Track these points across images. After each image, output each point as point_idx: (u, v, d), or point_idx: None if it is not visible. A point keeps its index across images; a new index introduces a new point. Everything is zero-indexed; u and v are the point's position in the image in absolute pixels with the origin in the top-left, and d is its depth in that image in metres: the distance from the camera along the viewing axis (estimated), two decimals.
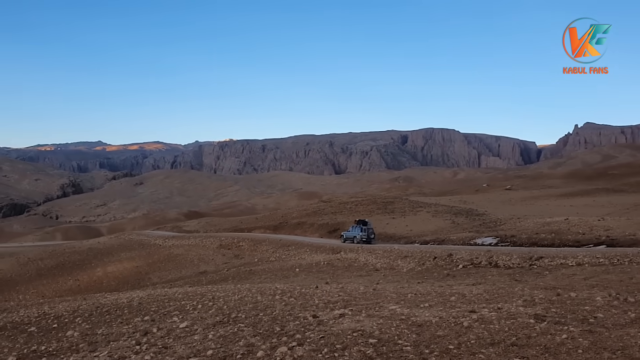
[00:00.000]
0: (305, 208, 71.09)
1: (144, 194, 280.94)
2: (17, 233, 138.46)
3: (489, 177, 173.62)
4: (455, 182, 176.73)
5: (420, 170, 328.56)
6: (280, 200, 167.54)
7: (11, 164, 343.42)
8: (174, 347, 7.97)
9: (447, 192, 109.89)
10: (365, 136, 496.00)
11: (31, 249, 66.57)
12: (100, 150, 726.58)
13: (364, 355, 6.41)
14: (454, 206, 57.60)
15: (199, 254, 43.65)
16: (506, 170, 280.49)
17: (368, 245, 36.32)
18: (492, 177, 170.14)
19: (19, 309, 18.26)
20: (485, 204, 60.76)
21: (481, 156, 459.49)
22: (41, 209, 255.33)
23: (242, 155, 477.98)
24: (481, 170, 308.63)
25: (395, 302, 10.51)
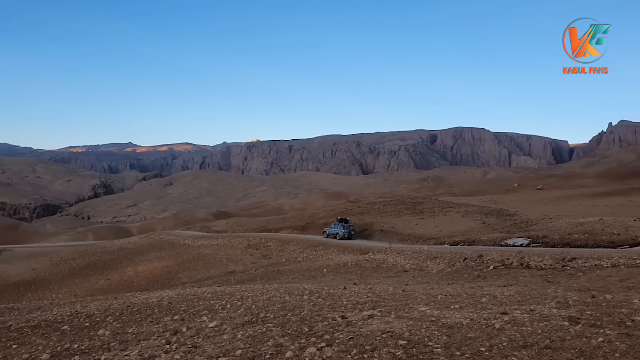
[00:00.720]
0: (332, 208, 71.02)
1: (174, 194, 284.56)
2: (50, 233, 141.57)
3: (520, 177, 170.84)
4: (486, 182, 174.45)
5: (449, 169, 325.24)
6: (307, 201, 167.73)
7: (44, 166, 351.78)
8: (204, 346, 8.02)
9: (477, 192, 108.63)
10: (393, 136, 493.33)
11: (64, 248, 67.91)
12: (131, 151, 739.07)
13: (393, 356, 6.33)
14: (484, 206, 56.84)
15: (228, 254, 43.98)
16: (537, 169, 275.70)
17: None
18: (523, 177, 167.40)
19: (52, 308, 18.66)
20: (516, 204, 59.76)
21: (512, 155, 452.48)
22: (73, 210, 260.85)
23: (269, 156, 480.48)
24: (512, 169, 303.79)
25: (425, 303, 10.39)
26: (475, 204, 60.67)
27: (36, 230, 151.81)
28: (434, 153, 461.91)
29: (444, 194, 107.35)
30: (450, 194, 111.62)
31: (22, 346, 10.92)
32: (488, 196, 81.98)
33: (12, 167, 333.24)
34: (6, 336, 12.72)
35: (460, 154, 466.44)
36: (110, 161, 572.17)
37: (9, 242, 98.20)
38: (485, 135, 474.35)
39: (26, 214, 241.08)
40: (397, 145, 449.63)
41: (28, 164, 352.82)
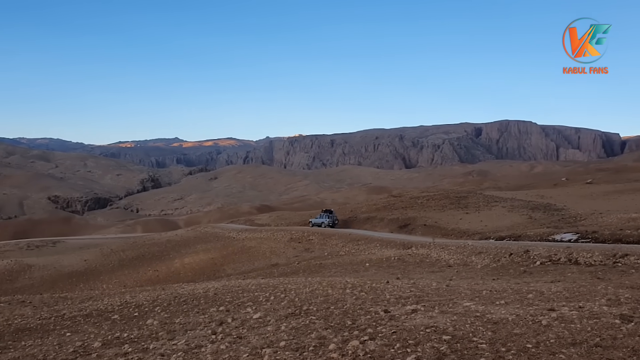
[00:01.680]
0: (374, 203, 70.69)
1: (218, 188, 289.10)
2: (100, 225, 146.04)
3: (568, 171, 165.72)
4: (532, 176, 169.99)
5: (495, 163, 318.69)
6: (349, 195, 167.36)
7: (95, 160, 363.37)
8: (248, 337, 8.15)
9: (524, 187, 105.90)
10: (437, 129, 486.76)
11: (114, 240, 69.93)
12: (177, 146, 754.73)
13: (437, 351, 6.29)
14: (530, 201, 55.47)
15: (271, 247, 44.39)
16: (587, 163, 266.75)
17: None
18: (571, 171, 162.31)
19: (103, 298, 19.32)
20: (564, 199, 58.03)
21: (560, 149, 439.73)
22: (123, 203, 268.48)
23: (311, 150, 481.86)
24: (560, 163, 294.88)
25: (469, 298, 10.26)
26: (521, 198, 59.28)
27: (88, 222, 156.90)
28: (478, 147, 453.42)
29: (489, 189, 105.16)
30: (495, 188, 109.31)
31: (75, 334, 11.36)
32: (535, 190, 79.77)
33: (65, 162, 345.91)
34: (60, 324, 13.25)
35: (506, 147, 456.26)
36: (158, 156, 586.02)
37: (62, 234, 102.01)
38: (532, 129, 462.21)
39: (78, 207, 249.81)
40: (441, 139, 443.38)
41: (80, 158, 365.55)
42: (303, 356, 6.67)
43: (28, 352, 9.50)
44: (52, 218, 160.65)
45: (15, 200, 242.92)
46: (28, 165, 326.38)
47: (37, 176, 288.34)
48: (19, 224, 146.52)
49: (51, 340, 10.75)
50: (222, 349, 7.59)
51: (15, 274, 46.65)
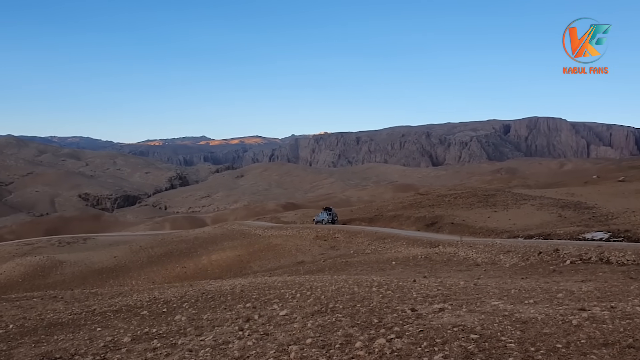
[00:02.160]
0: (401, 200, 70.35)
1: (245, 186, 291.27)
2: (129, 222, 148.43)
3: (599, 168, 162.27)
4: (562, 174, 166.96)
5: (524, 161, 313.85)
6: (375, 193, 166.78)
7: (124, 159, 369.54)
8: (275, 334, 8.20)
9: (553, 184, 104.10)
10: (465, 126, 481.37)
11: (142, 237, 70.97)
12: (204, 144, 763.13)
13: (465, 350, 6.22)
14: (560, 199, 54.49)
15: (297, 245, 44.52)
16: (619, 160, 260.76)
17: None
18: (602, 168, 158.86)
19: (132, 294, 19.63)
20: (595, 197, 56.86)
21: (590, 146, 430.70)
22: (151, 200, 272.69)
23: (336, 148, 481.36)
24: (591, 160, 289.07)
25: (497, 297, 10.13)
26: (551, 196, 58.31)
27: (117, 219, 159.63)
28: (507, 144, 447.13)
29: (518, 186, 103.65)
30: (524, 186, 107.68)
31: (105, 329, 11.58)
32: (565, 188, 78.32)
33: (95, 160, 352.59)
34: (91, 319, 13.52)
35: (535, 144, 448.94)
36: (185, 154, 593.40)
37: (92, 231, 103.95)
38: (562, 125, 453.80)
39: (108, 205, 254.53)
40: (468, 136, 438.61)
41: (109, 157, 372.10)
42: (329, 354, 6.67)
43: (60, 346, 9.71)
44: (83, 215, 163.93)
45: (47, 198, 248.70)
46: (59, 163, 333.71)
47: (68, 174, 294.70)
48: (50, 221, 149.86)
49: (82, 335, 10.97)
50: (249, 345, 7.65)
51: (47, 270, 47.73)
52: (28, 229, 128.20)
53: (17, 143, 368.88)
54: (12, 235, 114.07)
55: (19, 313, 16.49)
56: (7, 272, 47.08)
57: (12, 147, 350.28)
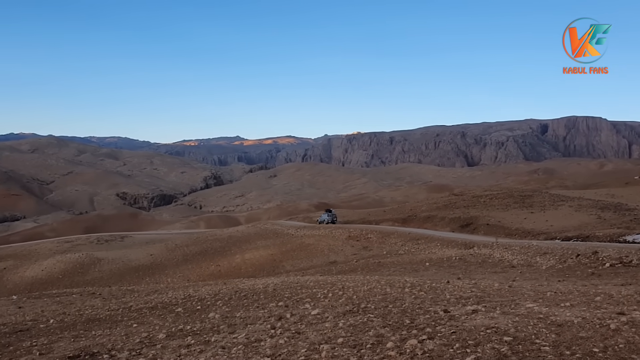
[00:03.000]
0: (435, 201, 69.66)
1: (278, 185, 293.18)
2: (165, 221, 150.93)
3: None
4: (602, 174, 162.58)
5: (562, 161, 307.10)
6: (408, 193, 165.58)
7: (161, 158, 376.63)
8: (307, 333, 8.23)
9: (592, 185, 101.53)
10: (501, 126, 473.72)
11: (178, 236, 72.04)
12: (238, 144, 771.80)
13: (498, 352, 6.14)
14: (600, 200, 53.10)
15: (329, 245, 44.54)
16: None
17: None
18: None
19: (167, 291, 19.98)
20: (637, 198, 55.28)
21: (632, 146, 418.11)
22: (187, 199, 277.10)
23: (369, 148, 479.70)
24: (632, 161, 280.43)
25: (532, 300, 9.94)
26: (590, 197, 56.88)
27: (153, 218, 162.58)
28: (544, 144, 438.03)
29: (556, 187, 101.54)
30: (562, 187, 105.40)
31: (141, 325, 11.82)
32: (604, 189, 76.31)
33: (132, 160, 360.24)
34: (127, 315, 13.82)
35: (573, 144, 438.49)
36: (220, 154, 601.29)
37: (130, 229, 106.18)
38: (602, 125, 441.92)
39: (144, 203, 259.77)
40: (504, 136, 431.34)
41: (146, 157, 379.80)
42: (361, 353, 6.67)
43: (98, 341, 9.96)
44: (121, 214, 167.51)
45: (86, 197, 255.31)
46: (98, 163, 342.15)
47: (106, 174, 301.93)
48: (89, 219, 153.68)
49: (119, 331, 11.22)
50: (281, 343, 7.70)
51: (86, 266, 48.98)
52: (68, 227, 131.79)
53: (57, 143, 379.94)
54: (53, 232, 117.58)
55: (59, 308, 17.00)
56: (48, 269, 48.51)
57: (53, 147, 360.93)
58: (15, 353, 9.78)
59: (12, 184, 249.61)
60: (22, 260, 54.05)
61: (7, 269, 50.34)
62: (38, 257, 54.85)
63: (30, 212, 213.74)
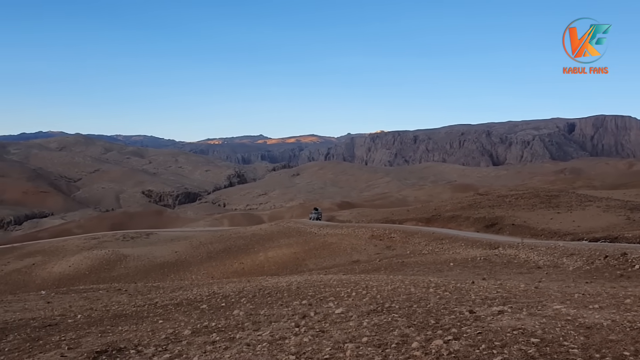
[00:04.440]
0: (459, 201, 69.02)
1: (300, 184, 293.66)
2: (190, 219, 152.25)
3: None
4: (631, 174, 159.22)
5: (589, 161, 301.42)
6: (432, 193, 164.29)
7: (185, 157, 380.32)
8: (331, 331, 8.24)
9: (621, 186, 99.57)
10: (527, 125, 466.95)
11: (202, 233, 72.66)
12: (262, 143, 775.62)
13: (525, 354, 6.06)
14: (629, 200, 52.00)
15: (352, 244, 44.48)
16: None
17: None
18: None
19: (192, 288, 20.20)
20: None
21: None
22: (211, 197, 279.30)
23: (393, 147, 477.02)
24: None
25: (560, 301, 9.79)
26: (618, 197, 55.75)
27: (178, 216, 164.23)
28: (571, 143, 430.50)
29: (583, 187, 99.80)
30: (589, 187, 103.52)
31: (167, 322, 11.96)
32: (634, 190, 74.75)
33: (158, 158, 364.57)
34: (153, 312, 13.99)
35: (601, 144, 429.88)
36: (244, 152, 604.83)
37: (155, 227, 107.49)
38: (632, 124, 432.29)
39: (169, 201, 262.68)
40: (530, 135, 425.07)
41: (171, 155, 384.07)
42: (385, 353, 6.65)
43: (124, 337, 10.11)
44: (146, 211, 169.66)
45: (112, 194, 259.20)
46: (124, 161, 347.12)
47: (132, 171, 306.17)
48: (115, 216, 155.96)
49: (145, 327, 11.37)
50: (305, 341, 7.72)
51: (112, 263, 49.76)
52: (95, 224, 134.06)
53: (85, 141, 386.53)
54: (80, 229, 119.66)
55: (87, 304, 17.30)
56: (75, 265, 49.41)
57: (81, 145, 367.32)
58: (45, 347, 9.99)
59: (41, 181, 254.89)
60: (50, 256, 55.17)
61: (36, 264, 51.43)
62: (65, 254, 55.92)
63: (58, 209, 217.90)
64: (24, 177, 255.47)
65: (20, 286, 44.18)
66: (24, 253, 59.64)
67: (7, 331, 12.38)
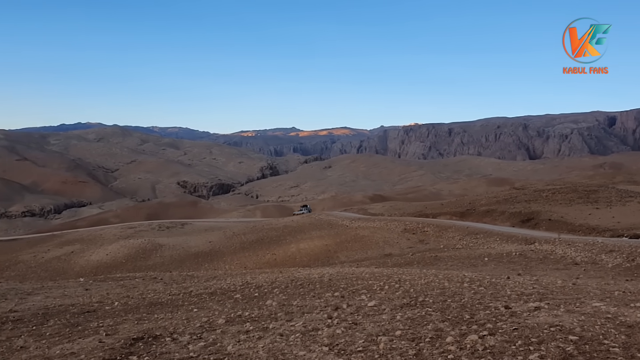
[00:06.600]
0: (495, 195, 67.93)
1: (332, 177, 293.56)
2: (223, 210, 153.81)
3: None
4: None
5: (630, 155, 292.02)
6: (467, 186, 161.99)
7: (219, 149, 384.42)
8: (363, 324, 8.22)
9: None
10: (565, 118, 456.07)
11: (235, 224, 73.47)
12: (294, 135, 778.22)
13: (563, 351, 5.93)
14: None
15: (384, 237, 44.30)
16: None
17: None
18: None
19: (226, 278, 20.43)
20: None
21: None
22: (244, 189, 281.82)
23: (427, 140, 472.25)
24: None
25: (599, 299, 9.54)
26: None
27: (212, 206, 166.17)
28: (612, 137, 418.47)
29: (623, 182, 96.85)
30: (630, 182, 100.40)
31: (201, 310, 12.12)
32: None
33: (193, 150, 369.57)
34: (188, 300, 14.20)
35: None
36: (276, 145, 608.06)
37: (189, 217, 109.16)
38: None
39: (204, 192, 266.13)
40: (569, 129, 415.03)
41: (206, 147, 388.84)
42: (419, 347, 6.60)
43: (160, 325, 10.29)
44: (181, 202, 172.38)
45: (148, 185, 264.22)
46: (160, 152, 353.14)
47: (167, 162, 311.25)
48: (151, 207, 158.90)
49: (180, 315, 11.56)
50: (338, 333, 7.72)
51: (148, 252, 50.80)
52: (131, 214, 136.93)
53: (122, 132, 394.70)
54: (117, 219, 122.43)
55: (123, 292, 17.68)
56: (112, 253, 50.62)
57: (118, 137, 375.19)
58: (84, 332, 10.25)
59: (80, 172, 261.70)
60: (88, 245, 56.69)
61: (75, 252, 52.91)
62: (103, 242, 57.36)
63: (95, 198, 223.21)
64: (63, 167, 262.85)
65: (59, 273, 45.56)
66: (63, 241, 61.45)
67: (48, 316, 12.76)
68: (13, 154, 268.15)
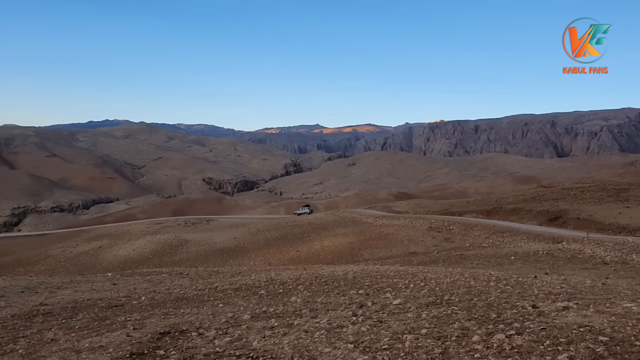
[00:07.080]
0: (522, 193, 67.00)
1: (356, 174, 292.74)
2: (248, 206, 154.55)
3: None
4: None
5: None
6: (493, 184, 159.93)
7: (244, 146, 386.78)
8: (389, 322, 8.19)
9: None
10: (594, 115, 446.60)
11: (259, 220, 73.80)
12: (318, 132, 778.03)
13: (592, 352, 5.83)
14: None
15: (409, 235, 44.07)
16: None
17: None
18: None
19: (250, 274, 20.57)
20: None
21: None
22: (268, 186, 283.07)
23: (452, 137, 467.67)
24: None
25: (630, 299, 9.34)
26: None
27: (237, 203, 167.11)
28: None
29: None
30: None
31: (227, 306, 12.21)
32: None
33: (218, 147, 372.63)
34: (213, 296, 14.33)
35: None
36: (300, 142, 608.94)
37: (215, 213, 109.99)
38: None
39: (228, 189, 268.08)
40: (598, 126, 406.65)
41: (230, 144, 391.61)
42: (445, 345, 6.56)
43: (186, 319, 10.41)
44: (206, 198, 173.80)
45: (174, 181, 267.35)
46: (186, 149, 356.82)
47: (193, 159, 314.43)
48: (177, 203, 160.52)
49: (206, 310, 11.67)
50: (363, 330, 7.71)
51: (174, 247, 51.40)
52: (158, 209, 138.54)
53: (148, 130, 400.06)
54: (144, 214, 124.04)
55: (150, 287, 17.96)
56: (139, 249, 51.35)
57: (145, 134, 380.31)
58: (112, 326, 10.43)
59: (107, 168, 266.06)
60: (115, 240, 57.59)
61: (102, 247, 53.80)
62: (130, 237, 58.20)
63: (123, 194, 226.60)
64: (91, 163, 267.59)
65: (87, 267, 46.40)
66: (91, 236, 62.55)
67: (77, 310, 13.04)
68: (43, 151, 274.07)
